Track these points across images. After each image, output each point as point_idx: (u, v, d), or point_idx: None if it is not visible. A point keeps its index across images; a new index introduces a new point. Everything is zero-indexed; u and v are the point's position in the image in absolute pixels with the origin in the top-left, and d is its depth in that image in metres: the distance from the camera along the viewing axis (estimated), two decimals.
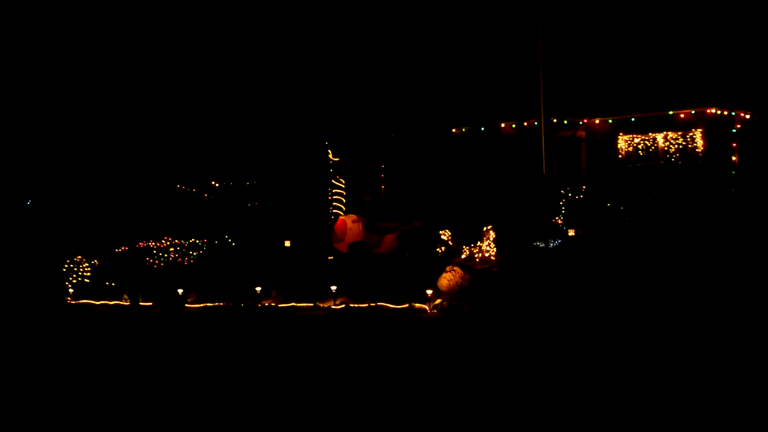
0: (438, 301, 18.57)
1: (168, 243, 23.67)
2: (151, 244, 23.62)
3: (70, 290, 22.59)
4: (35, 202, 28.92)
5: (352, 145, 24.74)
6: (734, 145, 23.64)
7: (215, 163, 26.77)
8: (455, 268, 19.28)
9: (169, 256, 23.39)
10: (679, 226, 20.59)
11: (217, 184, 26.46)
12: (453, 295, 18.76)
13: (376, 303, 19.03)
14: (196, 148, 28.53)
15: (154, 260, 23.07)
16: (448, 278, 19.07)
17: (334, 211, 23.43)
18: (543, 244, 21.20)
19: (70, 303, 22.26)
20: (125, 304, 21.47)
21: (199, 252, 23.58)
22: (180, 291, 21.14)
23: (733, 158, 23.62)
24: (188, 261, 23.38)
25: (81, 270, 23.30)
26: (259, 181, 25.84)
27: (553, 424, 8.36)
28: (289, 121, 28.44)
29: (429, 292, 18.64)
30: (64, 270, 22.82)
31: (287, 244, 23.24)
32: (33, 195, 29.17)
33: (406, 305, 18.65)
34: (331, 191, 23.81)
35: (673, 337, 13.67)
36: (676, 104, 23.54)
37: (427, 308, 18.43)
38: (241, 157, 26.89)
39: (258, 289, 20.57)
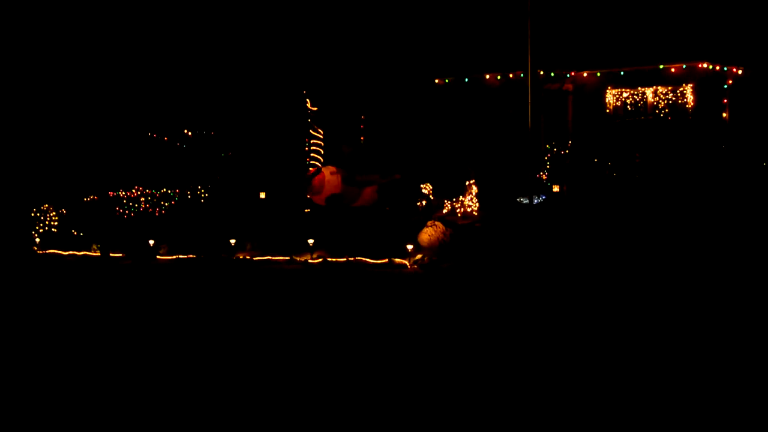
0: (419, 256, 18.45)
1: (139, 192, 23.50)
2: (122, 193, 23.42)
3: (37, 240, 22.41)
4: None
5: (332, 94, 24.51)
6: (725, 101, 23.58)
7: (188, 111, 26.47)
8: (437, 222, 19.19)
9: (140, 206, 23.22)
10: (667, 183, 20.53)
11: (190, 133, 26.12)
12: (434, 250, 18.70)
13: (354, 258, 18.90)
14: (169, 95, 28.20)
15: (125, 210, 22.88)
16: (429, 233, 19.00)
17: (312, 162, 23.19)
18: (527, 200, 21.14)
19: (37, 252, 22.10)
20: (95, 254, 21.31)
21: (171, 202, 23.41)
22: (151, 242, 20.98)
23: (724, 115, 23.56)
24: (160, 211, 23.23)
25: (48, 219, 23.10)
26: (233, 130, 25.55)
27: (529, 385, 8.25)
28: (266, 69, 28.14)
29: (409, 247, 18.53)
30: (31, 218, 22.63)
31: (262, 195, 23.09)
32: None
33: (386, 260, 18.53)
34: (308, 142, 23.56)
35: (653, 297, 13.55)
36: (666, 58, 23.44)
37: (408, 263, 18.31)
38: (215, 104, 26.59)
39: (232, 241, 20.44)
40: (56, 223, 23.10)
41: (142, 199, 23.34)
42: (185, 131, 26.21)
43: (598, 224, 18.24)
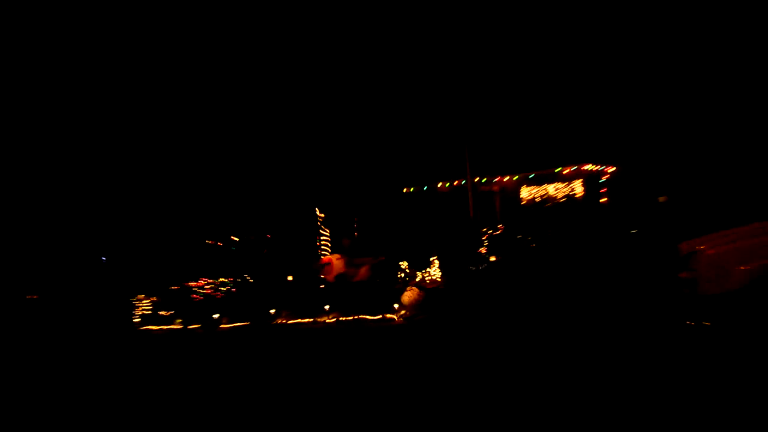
0: (402, 312, 18.93)
1: (204, 282, 23.89)
2: (192, 284, 23.85)
3: (137, 320, 22.81)
4: (108, 260, 29.03)
5: (334, 205, 25.18)
6: (603, 190, 24.25)
7: (234, 224, 27.00)
8: (413, 287, 19.67)
9: (205, 291, 23.60)
10: (568, 247, 21.05)
11: (236, 238, 26.68)
12: (412, 307, 19.13)
13: (358, 316, 19.35)
14: (221, 214, 28.79)
15: (196, 294, 23.28)
16: (408, 295, 19.43)
17: (322, 252, 23.78)
18: (473, 268, 21.65)
19: (137, 329, 22.50)
20: (178, 327, 21.71)
21: (227, 287, 23.79)
22: (215, 316, 21.36)
23: (602, 200, 24.21)
24: (219, 294, 23.59)
25: (143, 305, 23.50)
26: (268, 234, 26.11)
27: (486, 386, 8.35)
28: (288, 193, 28.86)
29: (396, 306, 19.00)
30: (131, 304, 23.08)
31: (290, 278, 23.50)
32: (105, 254, 29.27)
33: (380, 316, 18.98)
34: (319, 239, 24.18)
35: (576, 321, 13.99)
36: (561, 163, 24.16)
37: (395, 317, 18.77)
38: (254, 218, 27.14)
39: (272, 311, 20.84)
40: (150, 307, 23.51)
41: (207, 286, 23.74)
42: (232, 237, 26.74)
43: (527, 278, 18.72)
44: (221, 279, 24.01)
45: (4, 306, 24.47)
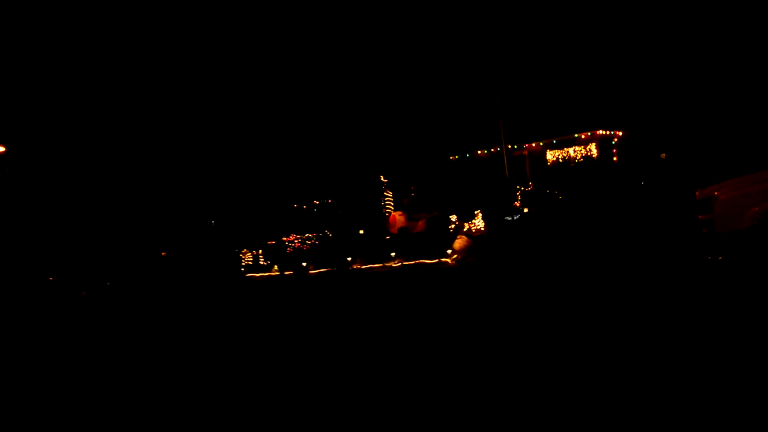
0: (454, 256, 18.58)
1: (294, 237, 23.86)
2: (285, 238, 23.83)
3: (242, 269, 22.90)
4: (216, 222, 29.23)
5: (395, 172, 24.83)
6: (614, 151, 23.43)
7: (316, 190, 26.91)
8: (462, 236, 19.27)
9: (295, 244, 23.57)
10: (588, 199, 20.45)
11: (317, 202, 26.58)
12: (462, 252, 18.76)
13: (418, 260, 19.09)
14: (306, 183, 28.77)
15: (288, 247, 23.27)
16: (458, 242, 19.08)
17: (386, 210, 23.47)
18: (510, 218, 21.16)
19: (243, 276, 22.61)
20: (275, 273, 21.72)
21: (312, 241, 23.72)
22: (304, 264, 21.32)
23: (614, 159, 23.41)
24: (306, 247, 23.54)
25: (246, 257, 23.60)
26: (342, 198, 25.96)
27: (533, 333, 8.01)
28: (358, 164, 28.69)
29: (449, 251, 18.66)
30: (238, 256, 23.22)
31: (361, 231, 23.33)
32: (214, 217, 29.50)
33: (437, 260, 18.70)
34: (384, 199, 23.89)
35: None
36: (579, 129, 23.40)
37: (449, 261, 18.45)
38: (332, 185, 27.01)
39: (348, 258, 20.71)
40: (251, 259, 23.60)
41: (296, 240, 23.68)
42: (314, 201, 26.64)
43: (555, 226, 18.25)
44: (307, 234, 23.95)
45: (146, 261, 24.91)
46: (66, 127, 31.09)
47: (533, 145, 24.33)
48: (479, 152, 25.06)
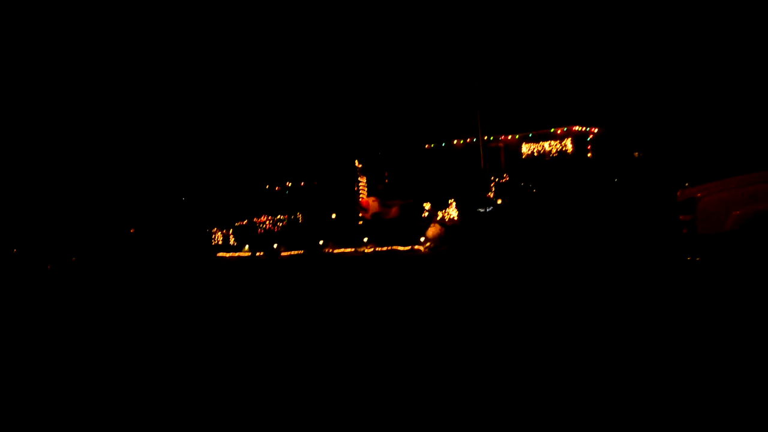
0: (427, 244, 18.49)
1: (265, 218, 23.57)
2: (256, 219, 23.53)
3: (212, 248, 22.59)
4: (187, 200, 28.73)
5: (370, 157, 24.62)
6: (589, 147, 23.49)
7: (289, 173, 26.58)
8: (436, 224, 19.19)
9: (266, 226, 23.30)
10: (561, 193, 20.55)
11: (289, 184, 26.31)
12: (436, 240, 18.67)
13: (391, 247, 18.96)
14: (279, 165, 28.40)
15: (258, 228, 22.99)
16: (432, 230, 18.95)
17: (360, 195, 23.31)
18: (483, 209, 21.18)
19: (213, 255, 22.28)
20: (246, 254, 21.43)
21: (283, 223, 23.47)
22: (275, 245, 21.06)
23: (588, 155, 23.47)
24: (277, 228, 23.29)
25: (216, 236, 23.26)
26: (316, 181, 25.69)
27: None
28: (333, 148, 28.41)
29: (422, 239, 18.55)
30: (208, 235, 22.88)
31: (333, 216, 23.17)
32: (185, 194, 28.98)
33: (409, 247, 18.56)
34: (357, 184, 23.71)
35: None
36: (555, 124, 23.38)
37: (422, 249, 18.34)
38: (305, 167, 26.69)
39: (320, 242, 20.49)
40: (221, 239, 23.27)
41: (267, 222, 23.41)
42: (287, 183, 26.36)
43: (527, 220, 18.28)
44: (279, 216, 23.69)
45: (113, 237, 24.40)
46: (37, 100, 30.34)
47: (509, 137, 24.27)
48: (455, 142, 24.93)
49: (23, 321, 10.07)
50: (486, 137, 23.85)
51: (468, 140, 24.58)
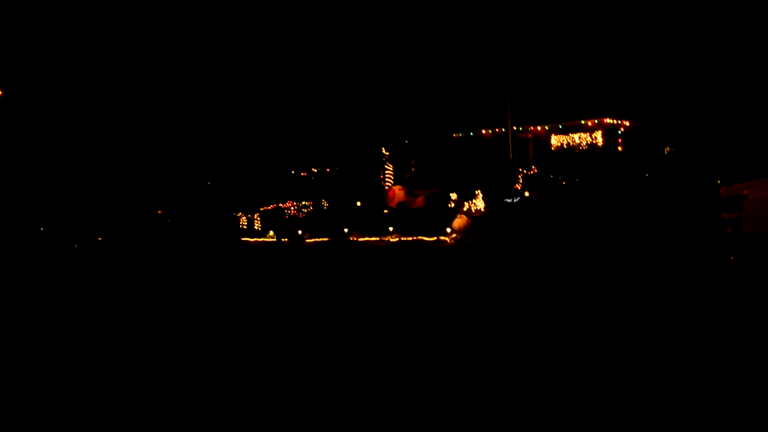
0: (453, 235, 18.16)
1: (290, 204, 23.42)
2: (281, 204, 23.39)
3: (238, 233, 22.48)
4: (212, 185, 28.70)
5: (397, 145, 24.33)
6: (620, 140, 23.06)
7: (316, 159, 26.42)
8: (463, 215, 18.84)
9: (291, 212, 23.15)
10: (592, 187, 20.17)
11: (315, 170, 26.14)
12: (462, 231, 18.32)
13: (416, 237, 18.67)
14: (307, 151, 28.23)
15: (283, 214, 22.85)
16: (458, 221, 18.57)
17: (386, 184, 23.05)
18: (510, 200, 20.88)
19: (239, 240, 22.16)
20: (270, 240, 21.28)
21: (308, 209, 23.32)
22: (300, 232, 20.89)
23: (619, 149, 23.05)
24: (302, 215, 23.14)
25: (241, 221, 23.18)
26: (341, 168, 25.48)
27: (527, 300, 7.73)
28: (360, 135, 28.14)
29: (448, 230, 18.23)
30: (235, 219, 22.80)
31: (359, 204, 22.95)
32: (211, 178, 28.96)
33: (435, 238, 18.22)
34: (383, 172, 23.46)
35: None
36: (586, 116, 22.95)
37: (448, 240, 18.01)
38: (333, 154, 26.48)
39: (345, 230, 20.30)
40: (245, 223, 23.20)
41: (292, 208, 23.26)
42: (313, 169, 26.19)
43: (557, 214, 17.95)
44: (303, 202, 23.52)
45: (141, 218, 24.43)
46: (67, 75, 30.34)
47: (538, 128, 23.89)
48: (483, 131, 24.59)
49: (40, 304, 10.03)
50: (515, 128, 23.45)
51: (496, 130, 24.23)
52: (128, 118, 31.61)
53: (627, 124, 23.16)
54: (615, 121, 23.06)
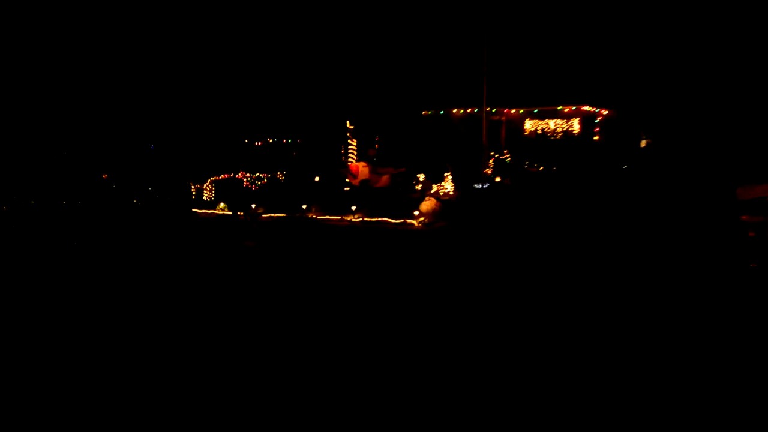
0: (421, 219, 17.51)
1: (243, 175, 22.38)
2: (232, 175, 22.33)
3: (186, 203, 21.45)
4: (156, 149, 27.31)
5: (363, 120, 23.48)
6: (596, 129, 22.74)
7: (272, 127, 25.33)
8: (431, 198, 18.20)
9: (244, 183, 22.13)
10: (565, 176, 19.79)
11: (271, 141, 25.11)
12: (429, 215, 17.70)
13: (381, 218, 17.94)
14: (263, 119, 27.11)
15: (236, 186, 21.80)
16: (426, 204, 17.97)
17: (349, 159, 22.23)
18: (479, 186, 20.35)
19: (189, 211, 21.07)
20: (222, 212, 20.21)
21: (262, 182, 22.34)
22: (253, 205, 19.93)
23: (595, 138, 22.72)
24: (254, 187, 22.14)
25: (191, 191, 22.11)
26: (300, 140, 24.48)
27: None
28: (323, 104, 27.12)
29: (416, 213, 17.56)
30: (186, 190, 21.81)
31: (317, 179, 22.13)
32: (154, 142, 27.54)
33: (401, 221, 17.55)
34: (346, 147, 22.61)
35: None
36: (563, 102, 22.57)
37: (415, 223, 17.34)
38: (291, 125, 25.45)
39: (304, 206, 19.43)
40: (194, 192, 22.11)
41: (245, 179, 22.24)
42: (269, 140, 25.16)
43: (532, 201, 17.47)
44: (258, 174, 22.50)
45: (87, 183, 23.02)
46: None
47: (512, 111, 23.38)
48: (454, 111, 23.94)
49: None
50: (487, 109, 22.85)
51: (468, 110, 23.60)
52: (68, 76, 29.90)
53: (606, 112, 22.83)
54: (594, 109, 22.70)
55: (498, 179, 20.50)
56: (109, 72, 30.49)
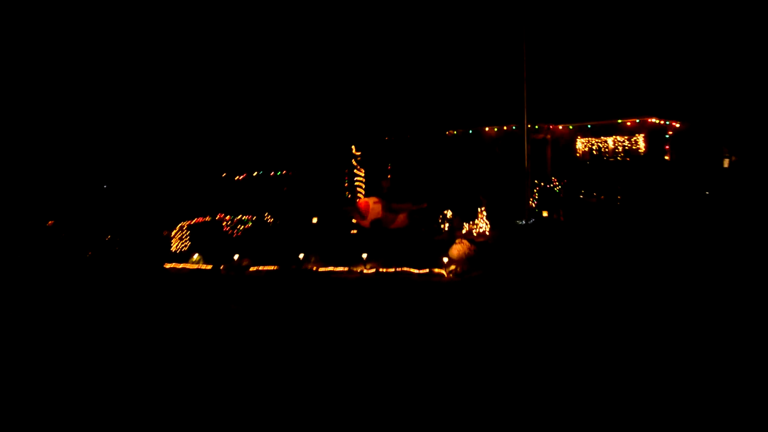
0: (452, 267, 17.14)
1: (221, 217, 22.11)
2: (209, 218, 22.06)
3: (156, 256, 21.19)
4: (110, 188, 27.27)
5: (373, 144, 23.35)
6: (667, 147, 22.53)
7: (258, 157, 25.26)
8: (463, 240, 17.89)
9: (224, 228, 21.86)
10: (632, 207, 19.50)
11: (256, 174, 25.01)
12: (463, 262, 17.36)
13: (401, 268, 17.56)
14: (244, 148, 27.11)
15: (215, 231, 21.52)
16: (458, 248, 17.64)
17: (357, 194, 21.98)
18: (523, 222, 20.06)
19: (161, 267, 20.81)
20: (196, 266, 19.87)
21: (246, 226, 22.07)
22: (236, 256, 19.62)
23: (666, 157, 22.48)
24: (237, 233, 21.86)
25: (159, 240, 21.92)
26: (294, 172, 24.35)
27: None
28: (321, 128, 27.09)
29: (445, 260, 17.19)
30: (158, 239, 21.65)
31: (315, 220, 21.90)
32: (107, 180, 27.52)
33: (427, 270, 17.16)
34: (351, 178, 22.36)
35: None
36: (623, 114, 22.46)
37: (444, 273, 16.95)
38: (282, 153, 25.38)
39: (301, 256, 19.10)
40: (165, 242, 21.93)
41: (225, 223, 21.98)
42: (254, 173, 25.07)
43: (581, 240, 17.17)
44: (241, 216, 22.24)
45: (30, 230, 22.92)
46: None
47: (560, 127, 23.22)
48: (487, 129, 23.79)
49: None
50: (529, 125, 22.64)
51: (505, 128, 23.44)
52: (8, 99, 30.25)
53: (677, 125, 22.63)
54: (662, 122, 22.47)
55: (545, 214, 20.24)
56: (48, 94, 30.74)
